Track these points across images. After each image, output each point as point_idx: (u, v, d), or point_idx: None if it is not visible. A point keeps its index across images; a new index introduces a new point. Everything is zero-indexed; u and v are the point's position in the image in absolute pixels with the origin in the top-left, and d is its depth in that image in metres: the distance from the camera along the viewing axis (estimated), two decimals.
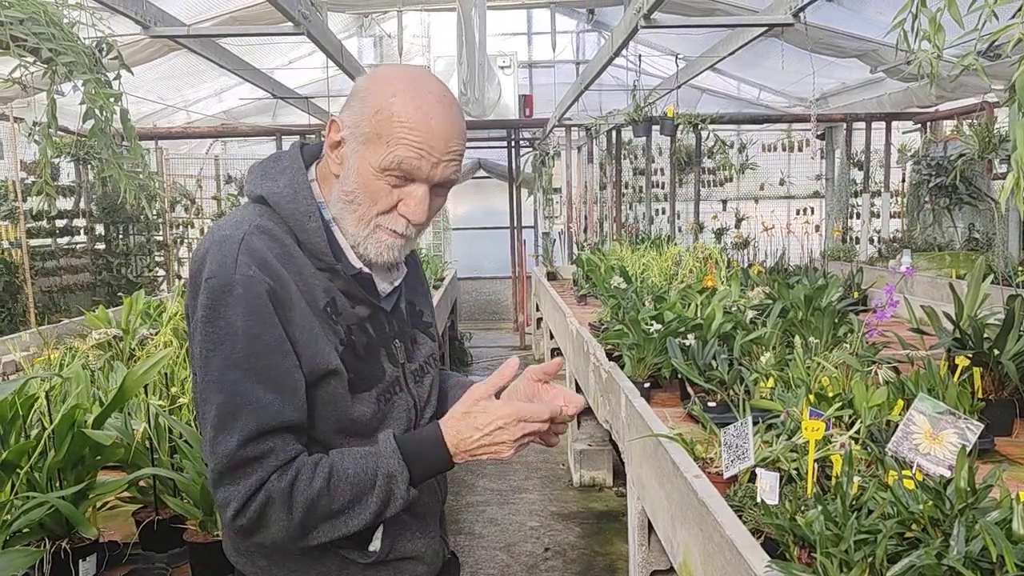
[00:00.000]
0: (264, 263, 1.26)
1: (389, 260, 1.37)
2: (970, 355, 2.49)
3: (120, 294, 6.74)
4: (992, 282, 3.07)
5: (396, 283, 1.46)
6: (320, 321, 1.30)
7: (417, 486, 1.31)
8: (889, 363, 2.73)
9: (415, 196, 1.31)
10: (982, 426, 1.96)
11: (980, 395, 2.47)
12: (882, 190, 8.96)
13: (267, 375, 1.23)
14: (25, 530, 1.72)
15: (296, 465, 1.24)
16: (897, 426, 2.05)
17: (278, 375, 1.24)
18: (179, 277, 8.74)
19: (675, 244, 7.00)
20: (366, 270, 1.37)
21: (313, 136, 8.68)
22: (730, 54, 6.11)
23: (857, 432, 2.17)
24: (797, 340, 2.97)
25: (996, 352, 2.53)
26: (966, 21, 1.94)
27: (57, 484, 1.80)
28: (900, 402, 2.28)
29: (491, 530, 4.65)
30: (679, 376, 3.08)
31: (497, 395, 1.40)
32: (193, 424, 2.07)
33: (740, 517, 1.80)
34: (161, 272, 8.70)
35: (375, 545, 1.36)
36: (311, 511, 1.23)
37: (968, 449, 1.67)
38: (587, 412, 5.01)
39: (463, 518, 4.82)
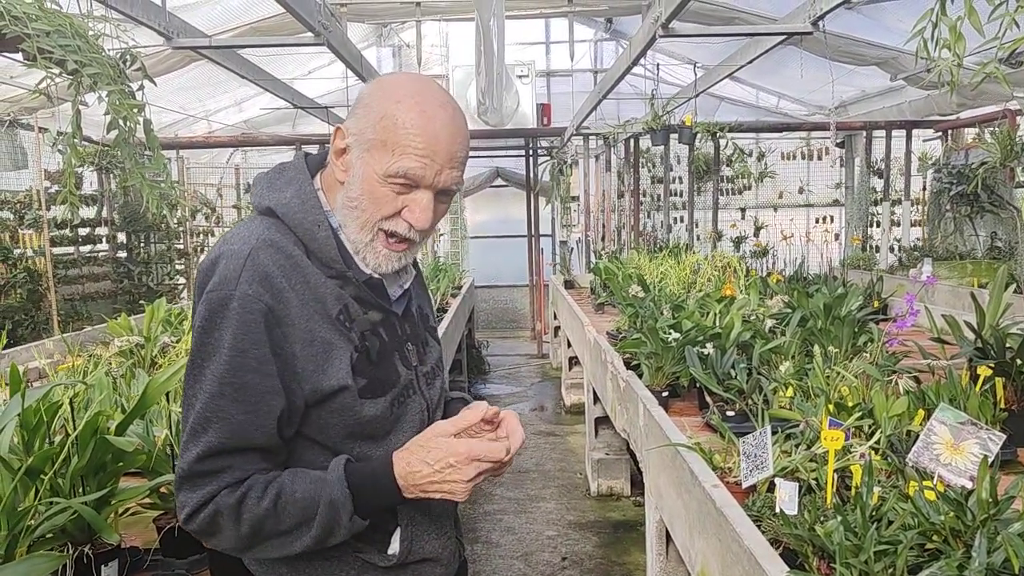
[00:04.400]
0: (266, 279, 1.27)
1: (387, 270, 1.38)
2: (992, 365, 2.46)
3: (141, 302, 6.82)
4: (1014, 291, 3.05)
5: (406, 286, 1.48)
6: (333, 330, 1.31)
7: (366, 516, 1.29)
8: (910, 373, 2.71)
9: (419, 202, 1.32)
10: (1004, 436, 1.94)
11: (1002, 405, 2.44)
12: (902, 198, 8.89)
13: (244, 394, 1.24)
14: (48, 535, 1.74)
15: (248, 483, 1.26)
16: (918, 436, 2.04)
17: (255, 396, 1.25)
18: None
19: (693, 252, 6.98)
20: (376, 275, 1.39)
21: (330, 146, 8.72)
22: (749, 63, 6.10)
23: (877, 442, 2.16)
24: (816, 349, 2.95)
25: (1019, 362, 2.51)
26: (987, 29, 1.93)
27: (80, 490, 1.82)
28: (921, 412, 2.27)
29: (508, 539, 4.64)
30: (697, 385, 3.07)
31: None
32: None
33: (759, 527, 1.79)
34: (182, 280, 8.77)
35: (394, 548, 1.38)
36: (258, 528, 1.26)
37: (990, 460, 1.65)
38: (605, 421, 5.01)
39: (480, 527, 4.81)
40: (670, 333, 3.35)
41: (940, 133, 8.57)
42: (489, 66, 6.83)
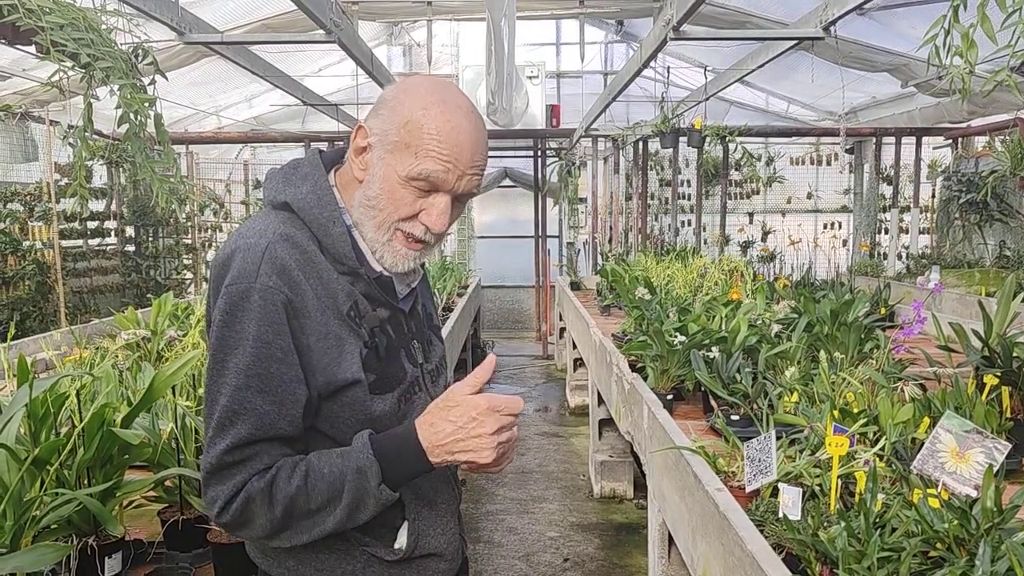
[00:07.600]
0: (285, 272, 1.28)
1: (403, 270, 1.40)
2: (999, 373, 2.45)
3: (149, 296, 6.84)
4: (1023, 300, 3.03)
5: (413, 285, 1.49)
6: (344, 326, 1.33)
7: (395, 487, 1.29)
8: (916, 380, 2.71)
9: (437, 206, 1.34)
10: (1010, 446, 1.94)
11: (1008, 414, 2.43)
12: (911, 205, 8.87)
13: (270, 385, 1.25)
14: (54, 526, 1.75)
15: (276, 466, 1.27)
16: (923, 444, 2.03)
17: (281, 386, 1.26)
18: (206, 280, 8.82)
19: (700, 256, 6.97)
20: (387, 273, 1.40)
21: (342, 143, 8.75)
22: (759, 67, 6.09)
23: (882, 449, 2.16)
24: (822, 355, 2.95)
25: None
26: (999, 37, 1.93)
27: (86, 482, 1.83)
28: (926, 420, 2.26)
29: (510, 539, 4.64)
30: (702, 389, 3.07)
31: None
32: None
33: (761, 532, 1.79)
34: (189, 275, 8.80)
35: (401, 542, 1.39)
36: (290, 508, 1.25)
37: (995, 469, 1.65)
38: (609, 423, 5.00)
39: (482, 526, 4.82)
40: (676, 336, 3.35)
41: (950, 141, 8.54)
42: (499, 66, 6.83)
